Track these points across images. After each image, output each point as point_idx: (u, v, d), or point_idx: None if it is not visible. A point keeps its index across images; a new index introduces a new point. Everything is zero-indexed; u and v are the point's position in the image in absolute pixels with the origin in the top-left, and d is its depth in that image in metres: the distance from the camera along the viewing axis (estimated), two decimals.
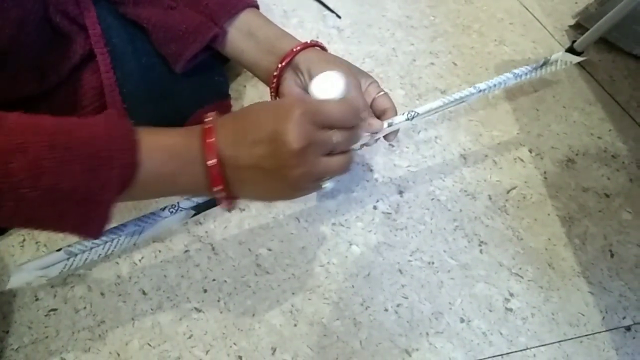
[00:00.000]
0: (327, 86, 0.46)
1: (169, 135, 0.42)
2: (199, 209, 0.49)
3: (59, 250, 0.46)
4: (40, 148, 0.36)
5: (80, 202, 0.37)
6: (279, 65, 0.54)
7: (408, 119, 0.54)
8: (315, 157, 0.41)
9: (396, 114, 0.54)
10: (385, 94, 0.55)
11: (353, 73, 0.53)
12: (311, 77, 0.52)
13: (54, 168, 0.35)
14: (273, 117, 0.40)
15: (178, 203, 0.48)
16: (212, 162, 0.41)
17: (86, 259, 0.47)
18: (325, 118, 0.41)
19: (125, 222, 0.47)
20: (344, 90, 0.45)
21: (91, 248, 0.47)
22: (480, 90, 0.58)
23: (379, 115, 0.54)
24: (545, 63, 0.66)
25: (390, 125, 0.53)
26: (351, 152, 0.46)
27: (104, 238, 0.47)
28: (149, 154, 0.40)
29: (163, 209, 0.48)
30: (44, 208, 0.37)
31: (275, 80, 0.55)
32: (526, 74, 0.63)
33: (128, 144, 0.39)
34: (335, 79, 0.46)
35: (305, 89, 0.53)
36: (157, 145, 0.41)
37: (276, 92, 0.56)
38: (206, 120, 0.43)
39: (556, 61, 0.68)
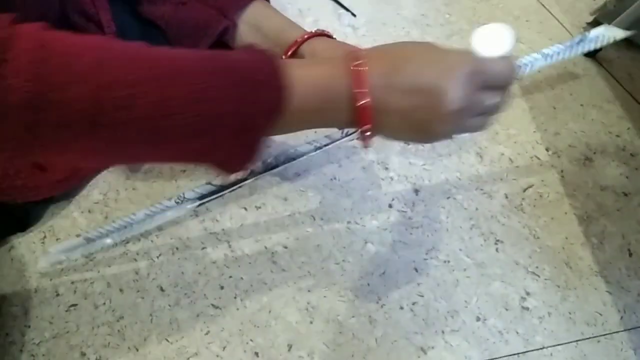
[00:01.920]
0: (495, 42, 0.41)
1: (316, 67, 0.41)
2: (203, 198, 0.50)
3: (78, 236, 0.52)
4: (198, 72, 0.35)
5: (235, 130, 0.36)
6: (283, 57, 0.53)
7: None
8: (466, 117, 0.40)
9: None
10: None
11: None
12: None
13: (212, 92, 0.34)
14: (437, 70, 0.39)
15: (183, 194, 0.50)
16: (363, 102, 0.39)
17: (102, 244, 0.53)
18: (488, 79, 0.40)
19: (135, 212, 0.51)
20: (511, 47, 0.41)
21: (106, 234, 0.52)
22: None
23: None
24: (582, 40, 0.62)
25: None
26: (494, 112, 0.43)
27: (116, 225, 0.51)
28: (298, 82, 0.38)
29: (170, 199, 0.50)
30: (196, 139, 0.35)
31: None
32: (558, 53, 0.59)
33: (277, 69, 0.37)
34: (503, 33, 0.41)
35: None
36: (305, 76, 0.39)
37: None
38: (356, 56, 0.40)
39: (597, 37, 0.64)
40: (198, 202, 0.50)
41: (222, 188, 0.50)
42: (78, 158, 0.36)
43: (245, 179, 0.50)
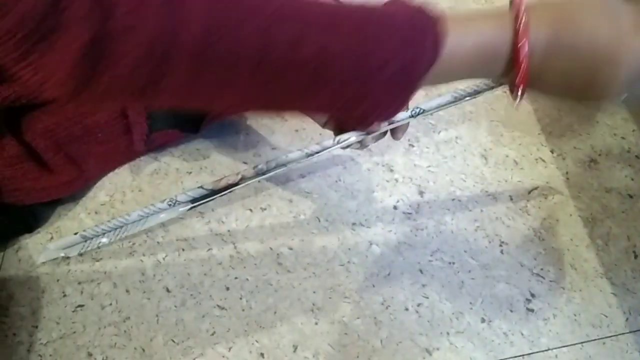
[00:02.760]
0: None
1: (472, 17, 0.38)
2: (195, 202, 0.51)
3: (75, 234, 0.55)
4: (358, 14, 0.34)
5: (391, 76, 0.35)
6: None
7: (412, 116, 0.49)
8: None
9: None
10: None
11: None
12: None
13: (376, 35, 0.34)
14: (614, 29, 0.35)
15: (176, 196, 0.51)
16: (521, 57, 0.35)
17: (99, 243, 0.56)
18: None
19: (129, 212, 0.52)
20: None
21: (102, 233, 0.54)
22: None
23: None
24: None
25: (390, 123, 0.49)
26: None
27: (111, 224, 0.54)
28: (453, 26, 0.36)
29: (163, 202, 0.51)
30: (355, 82, 0.35)
31: None
32: None
33: (433, 16, 0.36)
34: None
35: None
36: (461, 23, 0.37)
37: None
38: (517, 8, 0.36)
39: None
40: (190, 205, 0.51)
41: (213, 192, 0.50)
42: (224, 103, 0.37)
43: (237, 184, 0.50)
